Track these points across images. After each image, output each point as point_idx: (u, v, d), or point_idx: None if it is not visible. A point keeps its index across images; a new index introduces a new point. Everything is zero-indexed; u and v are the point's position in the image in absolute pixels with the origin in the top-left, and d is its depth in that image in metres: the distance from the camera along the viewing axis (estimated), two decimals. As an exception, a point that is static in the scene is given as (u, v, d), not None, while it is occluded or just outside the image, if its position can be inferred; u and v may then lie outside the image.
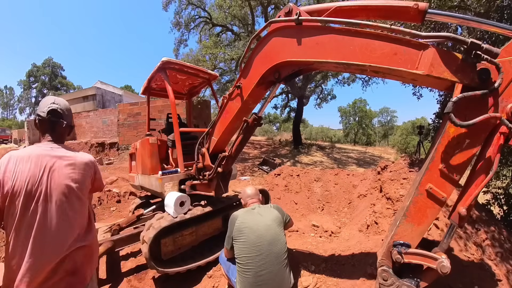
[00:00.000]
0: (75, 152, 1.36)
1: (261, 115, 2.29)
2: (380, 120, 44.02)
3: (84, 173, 1.32)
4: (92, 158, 1.44)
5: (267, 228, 1.87)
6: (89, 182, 1.35)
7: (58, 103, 1.35)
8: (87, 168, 1.35)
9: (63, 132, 1.38)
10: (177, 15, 13.83)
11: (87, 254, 1.30)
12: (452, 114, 1.22)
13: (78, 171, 1.29)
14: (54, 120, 1.32)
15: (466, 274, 2.21)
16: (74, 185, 1.25)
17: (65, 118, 1.36)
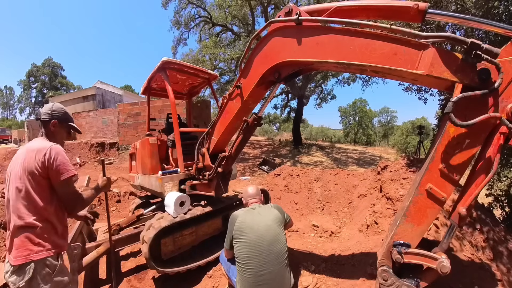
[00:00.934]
0: (41, 142, 1.51)
1: (261, 115, 2.29)
2: (380, 120, 44.06)
3: (33, 158, 1.41)
4: (47, 146, 1.45)
5: (267, 228, 1.87)
6: (35, 167, 1.39)
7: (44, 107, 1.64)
8: (36, 155, 1.42)
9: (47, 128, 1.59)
10: (177, 14, 13.83)
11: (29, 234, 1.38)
12: (452, 114, 1.22)
13: (29, 157, 1.42)
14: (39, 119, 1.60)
15: (466, 274, 2.22)
16: (27, 168, 1.41)
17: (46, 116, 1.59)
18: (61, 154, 1.46)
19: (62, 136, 1.65)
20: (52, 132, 1.59)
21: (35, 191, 1.40)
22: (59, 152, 1.46)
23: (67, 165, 1.46)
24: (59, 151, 1.47)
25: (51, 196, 1.46)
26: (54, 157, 1.42)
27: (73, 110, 19.00)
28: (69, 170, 1.46)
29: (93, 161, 10.32)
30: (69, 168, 1.46)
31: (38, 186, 1.41)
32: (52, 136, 1.59)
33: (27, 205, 1.40)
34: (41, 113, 1.58)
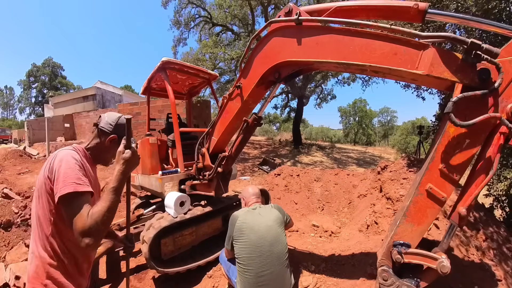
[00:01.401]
0: (63, 149, 1.20)
1: (261, 115, 2.29)
2: (380, 120, 44.05)
3: (43, 170, 1.12)
4: (58, 153, 1.14)
5: (268, 228, 1.86)
6: (44, 182, 1.09)
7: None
8: (45, 165, 1.13)
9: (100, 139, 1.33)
10: (177, 13, 13.81)
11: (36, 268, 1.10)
12: (452, 114, 1.22)
13: (43, 168, 1.14)
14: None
15: (466, 274, 2.21)
16: (38, 184, 1.13)
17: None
18: (66, 162, 1.08)
19: (114, 154, 1.28)
20: (106, 147, 1.31)
21: (42, 213, 1.11)
22: (62, 160, 1.09)
23: (64, 179, 1.03)
24: (63, 158, 1.10)
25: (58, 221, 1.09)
26: (56, 168, 1.07)
27: (73, 110, 19.03)
28: (61, 188, 1.01)
29: (93, 161, 10.29)
30: (66, 184, 1.02)
31: (44, 207, 1.10)
32: (104, 149, 1.32)
33: (36, 231, 1.11)
34: (101, 120, 1.31)
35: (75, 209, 1.00)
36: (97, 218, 0.98)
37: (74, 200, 1.02)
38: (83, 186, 1.05)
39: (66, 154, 1.13)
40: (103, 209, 1.00)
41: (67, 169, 1.06)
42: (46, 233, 1.09)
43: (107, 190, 1.06)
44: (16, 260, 3.07)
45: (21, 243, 3.33)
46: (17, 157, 9.63)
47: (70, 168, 1.07)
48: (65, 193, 1.01)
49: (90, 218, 0.99)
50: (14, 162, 9.02)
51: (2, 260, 3.06)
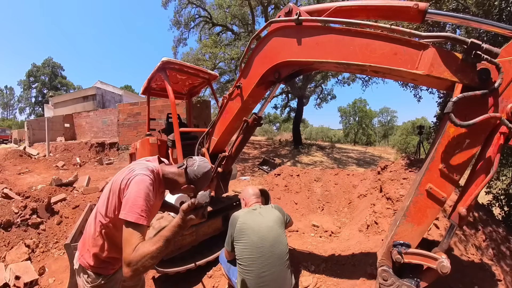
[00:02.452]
0: (144, 169, 1.32)
1: (261, 115, 2.29)
2: (380, 120, 44.02)
3: (121, 180, 1.27)
4: (139, 172, 1.27)
5: (269, 229, 1.86)
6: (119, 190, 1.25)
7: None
8: (123, 176, 1.29)
9: (175, 173, 1.43)
10: (177, 13, 13.81)
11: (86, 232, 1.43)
12: (452, 114, 1.22)
13: (121, 173, 1.33)
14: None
15: (466, 274, 2.22)
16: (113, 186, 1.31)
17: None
18: (138, 191, 1.20)
19: (184, 193, 1.47)
20: (181, 188, 1.41)
21: (106, 206, 1.30)
22: (138, 187, 1.21)
23: (131, 206, 1.15)
24: (139, 186, 1.21)
25: (116, 220, 1.27)
26: (129, 191, 1.21)
27: (73, 110, 19.02)
28: (127, 213, 1.14)
29: (93, 161, 10.32)
30: (131, 211, 1.14)
31: (111, 204, 1.29)
32: (178, 187, 1.41)
33: (98, 213, 1.35)
34: (192, 167, 1.39)
35: (130, 235, 1.12)
36: (138, 257, 1.05)
37: (131, 227, 1.13)
38: (143, 220, 1.16)
39: (143, 182, 1.23)
40: (148, 253, 1.06)
41: (139, 198, 1.18)
42: (104, 220, 1.31)
43: (160, 235, 1.11)
44: (16, 260, 3.07)
45: (21, 243, 3.33)
46: (17, 157, 9.64)
47: (141, 198, 1.18)
48: (128, 219, 1.13)
49: (135, 252, 1.06)
50: (14, 162, 9.03)
51: (2, 260, 3.06)
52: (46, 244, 3.57)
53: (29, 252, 3.30)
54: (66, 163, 9.37)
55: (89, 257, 1.37)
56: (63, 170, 8.58)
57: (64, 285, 2.85)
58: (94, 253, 1.36)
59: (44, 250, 3.48)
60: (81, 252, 1.41)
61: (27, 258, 3.17)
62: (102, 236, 1.34)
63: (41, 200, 4.22)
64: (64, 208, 4.38)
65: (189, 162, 1.40)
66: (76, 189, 5.41)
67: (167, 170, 1.41)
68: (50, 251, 3.51)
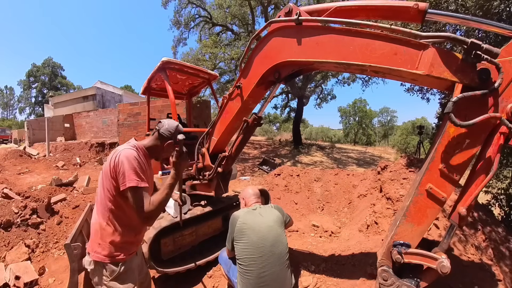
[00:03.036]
0: (125, 146, 1.48)
1: (261, 115, 2.29)
2: (380, 120, 44.01)
3: (110, 160, 1.41)
4: (123, 148, 1.43)
5: (269, 229, 1.86)
6: (109, 170, 1.38)
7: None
8: (111, 158, 1.42)
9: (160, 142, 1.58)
10: (177, 13, 13.81)
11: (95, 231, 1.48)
12: (452, 114, 1.22)
13: (109, 158, 1.44)
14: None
15: (466, 274, 2.22)
16: (105, 169, 1.42)
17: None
18: (128, 161, 1.37)
19: (167, 155, 1.63)
20: (163, 148, 1.57)
21: (104, 192, 1.42)
22: (127, 159, 1.37)
23: (128, 175, 1.34)
24: (128, 157, 1.38)
25: (118, 200, 1.41)
26: (121, 164, 1.36)
27: (73, 110, 19.01)
28: (127, 181, 1.34)
29: (93, 161, 10.32)
30: (130, 179, 1.34)
31: (108, 188, 1.41)
32: (160, 149, 1.58)
33: (98, 205, 1.46)
34: (161, 126, 1.55)
35: (139, 199, 1.35)
36: (157, 205, 1.37)
37: (138, 192, 1.35)
38: (143, 182, 1.38)
39: (130, 153, 1.40)
40: (161, 199, 1.39)
41: (131, 167, 1.36)
42: (107, 206, 1.42)
43: (164, 185, 1.43)
44: (16, 260, 3.07)
45: (21, 243, 3.33)
46: (17, 157, 9.64)
47: (134, 165, 1.37)
48: (130, 186, 1.33)
49: (152, 205, 1.36)
50: (14, 162, 9.03)
51: (2, 260, 3.06)
52: (46, 244, 3.57)
53: (29, 252, 3.30)
54: (66, 163, 9.38)
55: (103, 249, 1.42)
56: (63, 170, 8.58)
57: (64, 285, 2.85)
58: (108, 242, 1.42)
59: (44, 250, 3.47)
60: (93, 249, 1.45)
61: (27, 258, 3.17)
62: (111, 223, 1.43)
63: (41, 200, 4.22)
64: (64, 208, 4.38)
65: (159, 125, 1.56)
66: (76, 189, 5.41)
67: (145, 141, 1.58)
68: (50, 251, 3.51)
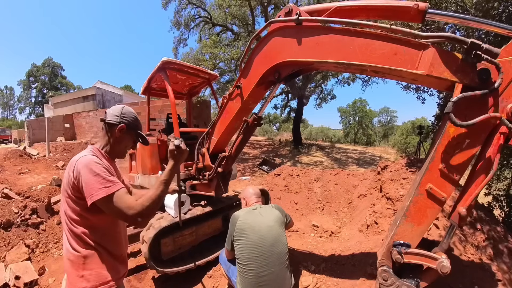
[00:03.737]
0: (82, 153, 1.24)
1: (261, 115, 2.29)
2: (380, 120, 44.03)
3: (68, 174, 1.18)
4: (79, 157, 1.18)
5: (269, 229, 1.86)
6: (69, 186, 1.16)
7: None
8: (69, 171, 1.18)
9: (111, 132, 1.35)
10: (177, 14, 13.81)
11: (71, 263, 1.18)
12: (452, 114, 1.22)
13: (67, 171, 1.19)
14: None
15: (466, 274, 2.22)
16: (64, 185, 1.19)
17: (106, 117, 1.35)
18: (89, 169, 1.13)
19: (126, 144, 1.40)
20: (117, 138, 1.35)
21: (71, 217, 1.18)
22: (86, 167, 1.14)
23: (93, 186, 1.11)
24: (87, 165, 1.14)
25: (90, 218, 1.18)
26: (81, 175, 1.13)
27: (73, 110, 19.01)
28: (94, 194, 1.10)
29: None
30: (99, 188, 1.11)
31: (73, 210, 1.18)
32: (115, 142, 1.35)
33: (68, 234, 1.19)
34: (107, 115, 1.34)
35: (119, 206, 1.11)
36: (148, 204, 1.14)
37: (111, 201, 1.11)
38: (114, 186, 1.14)
39: (88, 161, 1.16)
40: (154, 196, 1.17)
41: (93, 176, 1.12)
42: (78, 230, 1.17)
43: (158, 181, 1.22)
44: (16, 260, 3.07)
45: (21, 243, 3.33)
46: (17, 157, 9.63)
47: (97, 173, 1.13)
48: (99, 198, 1.10)
49: (141, 205, 1.13)
50: (14, 162, 9.02)
51: (2, 260, 3.06)
52: (46, 244, 3.57)
53: (29, 252, 3.30)
54: (66, 163, 9.36)
55: (88, 280, 1.16)
56: (63, 170, 8.58)
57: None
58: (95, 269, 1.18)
59: (44, 250, 3.48)
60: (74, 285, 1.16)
61: (27, 258, 3.17)
62: (92, 246, 1.18)
63: (41, 200, 4.22)
64: (64, 208, 4.37)
65: (105, 115, 1.35)
66: (76, 189, 5.40)
67: (99, 143, 1.37)
68: (50, 251, 3.51)
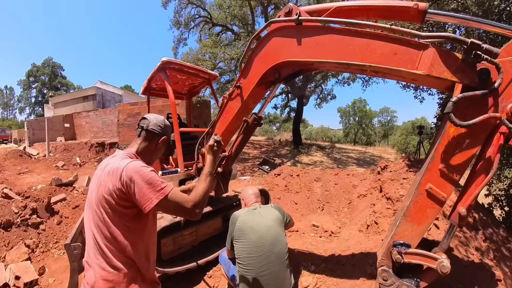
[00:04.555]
0: (123, 159, 1.19)
1: (261, 115, 2.29)
2: (380, 120, 43.96)
3: (109, 184, 1.12)
4: (125, 164, 1.13)
5: (268, 228, 1.86)
6: (112, 196, 1.10)
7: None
8: (111, 179, 1.13)
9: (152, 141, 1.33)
10: (177, 14, 13.81)
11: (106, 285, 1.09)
12: (452, 114, 1.22)
13: (108, 180, 1.13)
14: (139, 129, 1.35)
15: (466, 274, 2.22)
16: (104, 195, 1.12)
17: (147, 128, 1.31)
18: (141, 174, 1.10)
19: (160, 155, 1.44)
20: (156, 149, 1.34)
21: (115, 228, 1.11)
22: (137, 172, 1.10)
23: (152, 188, 1.09)
24: (137, 170, 1.11)
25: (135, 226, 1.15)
26: (133, 181, 1.08)
27: (73, 110, 19.01)
28: (157, 193, 1.09)
29: (93, 161, 10.32)
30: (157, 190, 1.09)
31: (116, 218, 1.11)
32: (154, 151, 1.34)
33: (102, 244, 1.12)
34: (149, 122, 1.30)
35: (178, 201, 1.14)
36: (202, 195, 1.21)
37: (170, 200, 1.12)
38: (168, 186, 1.14)
39: (138, 167, 1.13)
40: (206, 188, 1.25)
41: (148, 180, 1.10)
42: (121, 247, 1.11)
43: (204, 174, 1.32)
44: (16, 260, 3.07)
45: (21, 243, 3.33)
46: (17, 157, 9.63)
47: (150, 178, 1.11)
48: (160, 199, 1.09)
49: (195, 197, 1.18)
50: (14, 162, 9.02)
51: (2, 260, 3.06)
52: (46, 244, 3.57)
53: (29, 252, 3.30)
54: (66, 163, 9.38)
55: None
56: (63, 170, 8.58)
57: (64, 285, 2.85)
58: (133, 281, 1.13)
59: (44, 250, 3.48)
60: None
61: (27, 258, 3.17)
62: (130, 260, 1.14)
63: (41, 200, 4.22)
64: (64, 208, 4.38)
65: (145, 122, 1.32)
66: (76, 189, 5.41)
67: (133, 147, 1.31)
68: (50, 251, 3.51)
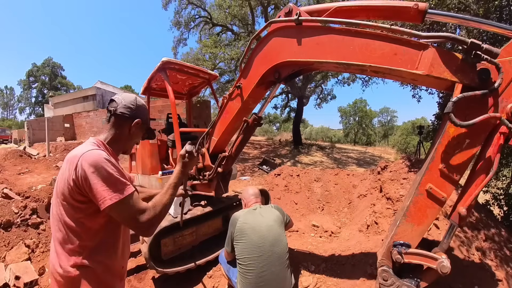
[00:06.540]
0: (86, 146, 1.06)
1: (261, 115, 2.29)
2: (380, 120, 44.03)
3: (66, 172, 1.00)
4: (83, 152, 0.99)
5: (269, 228, 1.86)
6: (68, 188, 0.99)
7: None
8: (68, 167, 1.00)
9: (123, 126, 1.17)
10: (177, 14, 13.83)
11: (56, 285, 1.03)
12: (452, 114, 1.22)
13: (66, 167, 1.01)
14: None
15: (466, 274, 2.22)
16: (60, 187, 1.02)
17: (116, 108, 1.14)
18: (98, 168, 0.97)
19: (137, 140, 1.26)
20: (130, 134, 1.18)
21: (69, 218, 1.02)
22: (94, 165, 0.96)
23: (105, 187, 0.96)
24: (95, 163, 0.97)
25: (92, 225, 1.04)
26: (88, 175, 0.96)
27: (73, 110, 19.02)
28: (107, 197, 0.95)
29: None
30: (110, 193, 0.96)
31: (71, 212, 1.02)
32: (127, 137, 1.19)
33: (59, 238, 1.04)
34: (118, 105, 1.12)
35: (132, 209, 1.01)
36: (160, 209, 1.08)
37: (125, 204, 0.99)
38: (127, 189, 1.01)
39: (97, 157, 0.98)
40: (165, 201, 1.11)
41: (105, 177, 0.97)
42: (74, 241, 1.02)
43: (167, 185, 1.16)
44: (16, 260, 3.07)
45: (21, 243, 3.33)
46: (17, 157, 9.63)
47: (108, 174, 0.98)
48: (113, 203, 0.96)
49: (153, 210, 1.05)
50: (14, 162, 9.03)
51: (2, 260, 3.06)
52: (46, 244, 3.56)
53: (29, 252, 3.30)
54: (66, 163, 9.36)
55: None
56: (63, 170, 8.56)
57: (64, 285, 2.84)
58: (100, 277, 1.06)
59: (44, 250, 3.47)
60: None
61: (27, 258, 3.17)
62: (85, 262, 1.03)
63: (41, 200, 4.21)
64: (64, 208, 4.37)
65: (113, 105, 1.14)
66: (76, 189, 5.40)
67: (103, 135, 1.16)
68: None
